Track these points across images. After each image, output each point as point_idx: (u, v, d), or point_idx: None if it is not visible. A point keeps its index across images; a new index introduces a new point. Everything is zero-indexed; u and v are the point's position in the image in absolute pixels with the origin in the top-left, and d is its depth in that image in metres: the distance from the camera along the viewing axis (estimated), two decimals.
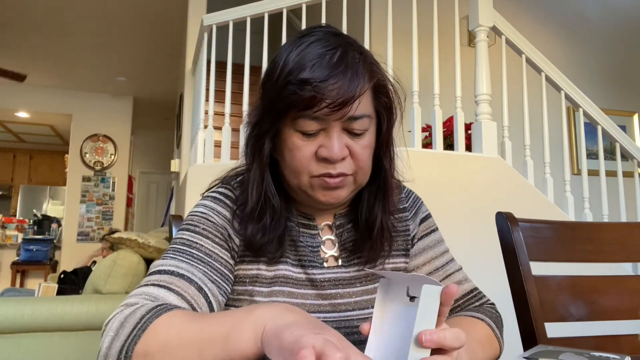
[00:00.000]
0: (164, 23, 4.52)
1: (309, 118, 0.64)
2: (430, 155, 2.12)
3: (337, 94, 0.62)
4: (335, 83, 0.62)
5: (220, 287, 0.66)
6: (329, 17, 2.34)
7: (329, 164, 0.66)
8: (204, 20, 2.59)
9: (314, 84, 0.62)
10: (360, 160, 0.67)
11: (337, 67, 0.63)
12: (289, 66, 0.64)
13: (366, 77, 0.66)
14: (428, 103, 2.25)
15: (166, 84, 6.00)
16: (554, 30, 3.98)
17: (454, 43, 2.30)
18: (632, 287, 0.97)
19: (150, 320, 0.53)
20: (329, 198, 0.68)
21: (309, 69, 0.63)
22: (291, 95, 0.63)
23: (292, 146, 0.66)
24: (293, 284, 0.71)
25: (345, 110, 0.63)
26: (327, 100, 0.62)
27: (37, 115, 6.80)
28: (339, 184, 0.67)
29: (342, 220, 0.77)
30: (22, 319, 1.79)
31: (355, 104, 0.64)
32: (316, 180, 0.67)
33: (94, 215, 6.42)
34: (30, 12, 4.35)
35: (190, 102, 3.43)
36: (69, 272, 3.44)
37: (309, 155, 0.66)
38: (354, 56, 0.66)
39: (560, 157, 2.51)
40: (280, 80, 0.64)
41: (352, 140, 0.67)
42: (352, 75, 0.63)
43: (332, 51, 0.64)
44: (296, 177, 0.68)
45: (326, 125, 0.65)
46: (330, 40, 0.66)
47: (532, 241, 0.94)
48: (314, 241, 0.75)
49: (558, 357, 0.54)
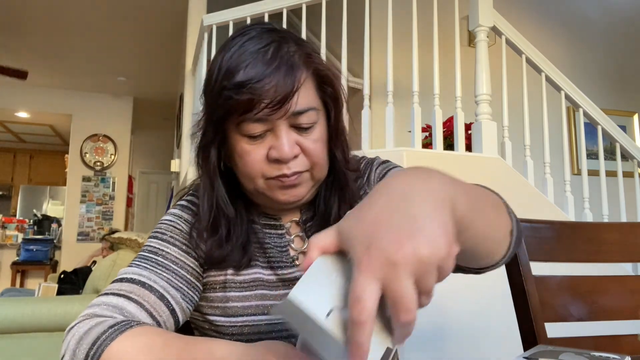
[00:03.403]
0: (164, 23, 4.52)
1: (252, 121, 0.62)
2: (430, 155, 2.12)
3: (275, 91, 0.60)
4: (271, 81, 0.60)
5: (184, 294, 0.66)
6: (329, 17, 2.34)
7: (281, 164, 0.64)
8: (204, 20, 2.59)
9: (248, 85, 0.60)
10: (313, 156, 0.65)
11: (270, 63, 0.61)
12: (222, 70, 0.62)
13: (303, 68, 0.64)
14: (428, 103, 2.25)
15: (166, 84, 5.99)
16: (554, 30, 3.98)
17: (454, 43, 2.30)
18: (632, 287, 0.97)
19: (105, 344, 0.53)
20: (289, 197, 0.67)
21: (242, 71, 0.61)
22: (228, 101, 0.61)
23: (241, 152, 0.65)
24: (266, 286, 0.70)
25: (286, 107, 0.61)
26: (265, 100, 0.60)
27: (37, 115, 6.80)
28: (295, 182, 0.65)
29: (308, 214, 0.76)
30: (22, 319, 1.79)
31: (295, 98, 0.62)
32: (272, 182, 0.66)
33: (94, 215, 6.42)
34: (31, 12, 4.35)
35: (190, 102, 3.43)
36: (69, 272, 3.44)
37: (260, 158, 0.64)
38: (288, 49, 0.63)
39: (560, 157, 2.51)
40: (216, 87, 0.63)
41: (301, 136, 0.65)
42: (287, 70, 0.61)
43: (265, 48, 0.62)
44: (251, 182, 0.66)
45: (271, 125, 0.63)
46: (263, 36, 0.64)
47: (532, 241, 0.94)
48: (282, 241, 0.74)
49: (558, 357, 0.54)
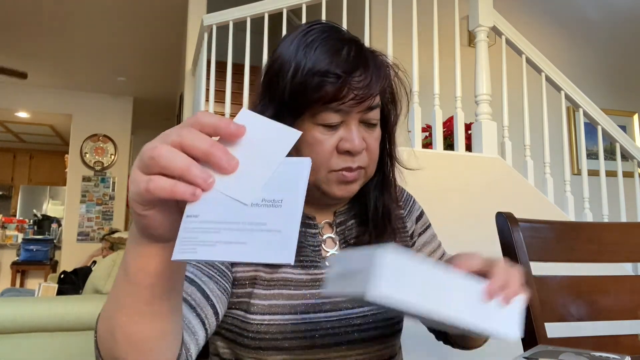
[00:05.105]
0: (164, 23, 4.52)
1: (333, 111, 0.64)
2: (430, 155, 2.12)
3: (363, 85, 0.63)
4: (360, 75, 0.63)
5: (218, 282, 0.65)
6: (329, 18, 2.33)
7: (349, 156, 0.66)
8: (204, 21, 2.59)
9: (341, 76, 0.62)
10: (373, 153, 0.69)
11: (358, 61, 0.64)
12: (308, 62, 0.64)
13: (386, 71, 0.68)
14: (428, 103, 2.25)
15: (166, 84, 5.99)
16: (554, 31, 3.97)
17: (454, 43, 2.30)
18: (632, 287, 0.97)
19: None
20: (345, 192, 0.69)
21: (331, 63, 0.63)
22: (317, 88, 0.63)
23: (312, 140, 0.66)
24: (293, 286, 0.70)
25: (368, 102, 0.64)
26: (354, 91, 0.63)
27: (37, 115, 6.79)
28: (356, 177, 0.68)
29: (343, 217, 0.77)
30: (22, 319, 1.78)
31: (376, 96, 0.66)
32: (334, 175, 0.67)
33: (94, 215, 6.42)
34: (30, 12, 4.35)
35: (190, 102, 3.43)
36: (69, 272, 3.44)
37: (330, 149, 0.66)
38: (367, 50, 0.68)
39: (560, 157, 2.51)
40: (301, 75, 0.64)
41: (367, 132, 0.67)
42: (374, 69, 0.65)
43: (346, 46, 0.65)
44: (314, 173, 0.67)
45: (346, 117, 0.65)
46: (338, 35, 0.67)
47: (532, 241, 0.94)
48: (315, 240, 0.74)
49: (558, 357, 0.54)
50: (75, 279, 3.33)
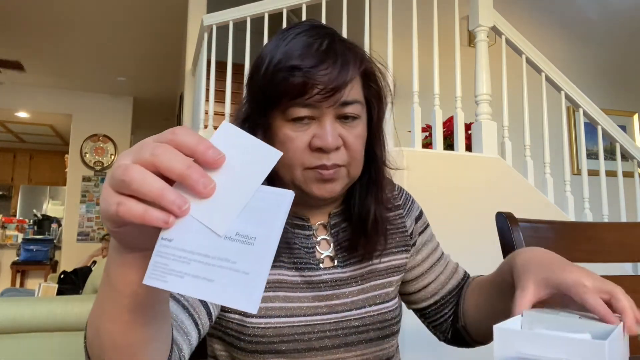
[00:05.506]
0: (164, 23, 4.52)
1: (301, 106, 0.63)
2: (430, 155, 2.12)
3: (329, 79, 0.62)
4: (326, 69, 0.63)
5: None
6: (329, 17, 2.34)
7: (323, 154, 0.65)
8: (204, 21, 2.59)
9: (304, 69, 0.62)
10: (353, 151, 0.67)
11: (326, 54, 0.64)
12: (277, 57, 0.64)
13: (357, 63, 0.66)
14: (428, 103, 2.25)
15: (166, 84, 5.99)
16: (554, 31, 3.98)
17: (454, 43, 2.30)
18: (632, 287, 0.97)
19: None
20: (324, 192, 0.67)
21: (299, 57, 0.63)
22: (282, 83, 0.63)
23: (284, 138, 0.65)
24: (288, 288, 0.69)
25: (337, 96, 0.63)
26: (318, 86, 0.62)
27: (37, 115, 6.79)
28: (333, 176, 0.66)
29: (337, 219, 0.76)
30: (22, 319, 1.78)
31: (347, 89, 0.64)
32: (310, 173, 0.66)
33: (94, 215, 6.42)
34: (30, 12, 4.35)
35: (190, 102, 3.43)
36: (69, 272, 3.44)
37: (302, 146, 0.65)
38: (341, 44, 0.66)
39: (560, 157, 2.51)
40: (270, 70, 0.64)
41: (345, 129, 0.66)
42: (342, 62, 0.64)
43: (318, 40, 0.65)
44: (289, 171, 0.66)
45: (318, 113, 0.64)
46: (315, 31, 0.67)
47: (532, 241, 0.94)
48: (309, 242, 0.73)
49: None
50: (75, 279, 3.33)
